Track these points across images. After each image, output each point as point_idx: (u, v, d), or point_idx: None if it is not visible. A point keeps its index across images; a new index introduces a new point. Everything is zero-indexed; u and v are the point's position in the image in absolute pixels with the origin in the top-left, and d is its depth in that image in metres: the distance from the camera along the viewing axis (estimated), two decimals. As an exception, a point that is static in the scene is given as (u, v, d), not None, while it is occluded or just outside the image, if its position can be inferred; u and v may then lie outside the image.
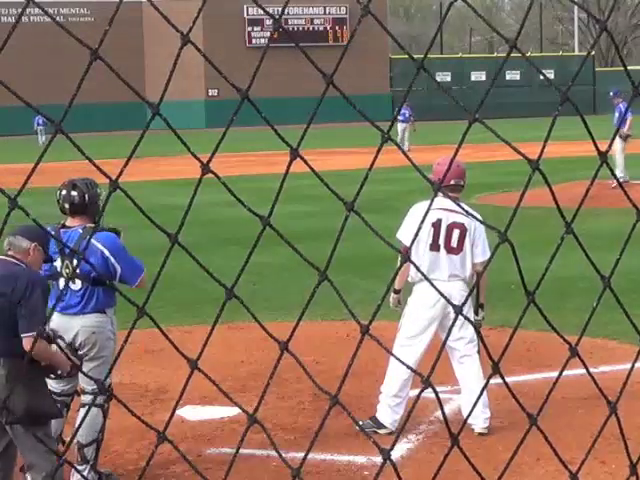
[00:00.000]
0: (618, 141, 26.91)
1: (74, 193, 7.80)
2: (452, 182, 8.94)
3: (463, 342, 8.89)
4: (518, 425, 8.67)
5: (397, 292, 9.14)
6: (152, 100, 1.87)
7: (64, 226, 7.79)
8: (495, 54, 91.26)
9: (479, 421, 8.83)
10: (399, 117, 46.19)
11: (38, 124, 60.95)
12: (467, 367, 8.91)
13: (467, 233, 8.89)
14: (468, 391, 8.86)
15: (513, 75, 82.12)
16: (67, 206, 7.79)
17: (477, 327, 8.85)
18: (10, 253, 6.76)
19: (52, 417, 6.82)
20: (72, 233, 7.72)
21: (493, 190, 27.86)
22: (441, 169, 8.87)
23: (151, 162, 37.82)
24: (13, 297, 6.50)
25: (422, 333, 8.92)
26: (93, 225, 7.75)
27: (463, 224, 8.87)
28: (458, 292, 8.82)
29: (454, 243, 8.91)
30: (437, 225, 8.87)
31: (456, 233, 8.88)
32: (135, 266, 7.95)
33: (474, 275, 9.02)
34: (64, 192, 7.85)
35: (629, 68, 2.37)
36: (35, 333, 6.51)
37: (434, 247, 8.86)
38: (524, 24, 2.00)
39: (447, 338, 2.08)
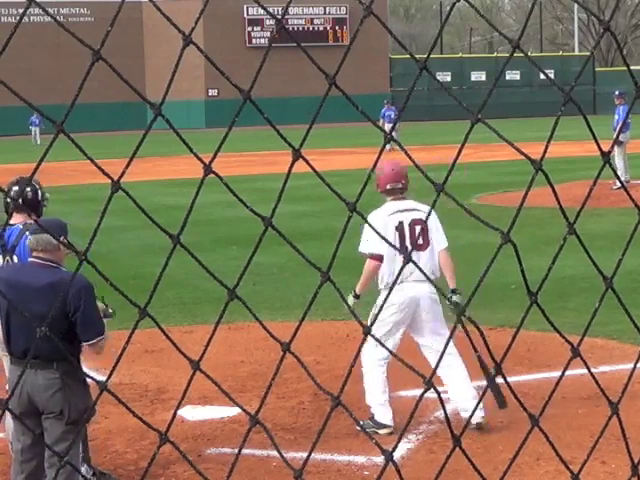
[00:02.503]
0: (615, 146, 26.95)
1: (28, 189, 7.83)
2: (388, 187, 9.14)
3: (442, 339, 8.94)
4: (518, 425, 8.68)
5: (357, 297, 9.21)
6: (152, 100, 1.87)
7: (7, 224, 7.75)
8: (495, 54, 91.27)
9: (475, 413, 8.84)
10: (386, 119, 46.23)
11: (34, 124, 60.96)
12: (453, 366, 8.93)
13: (428, 226, 9.08)
14: (460, 390, 8.89)
15: (513, 75, 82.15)
16: (21, 201, 7.76)
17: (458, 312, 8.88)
18: (39, 255, 6.64)
19: (91, 416, 6.88)
20: (14, 229, 7.74)
21: (493, 190, 27.86)
22: (382, 177, 9.16)
23: (151, 162, 37.83)
24: (66, 307, 6.47)
25: (389, 337, 9.01)
26: (32, 221, 7.77)
27: (421, 219, 9.05)
28: (428, 293, 8.96)
29: (420, 240, 9.08)
30: (401, 228, 9.03)
31: (418, 229, 9.08)
32: None
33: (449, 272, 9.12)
34: (16, 188, 7.80)
35: (630, 68, 2.37)
36: (98, 339, 6.58)
37: (403, 250, 8.97)
38: (527, 25, 1.99)
39: (450, 339, 2.07)
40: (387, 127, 45.23)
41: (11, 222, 7.77)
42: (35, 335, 6.30)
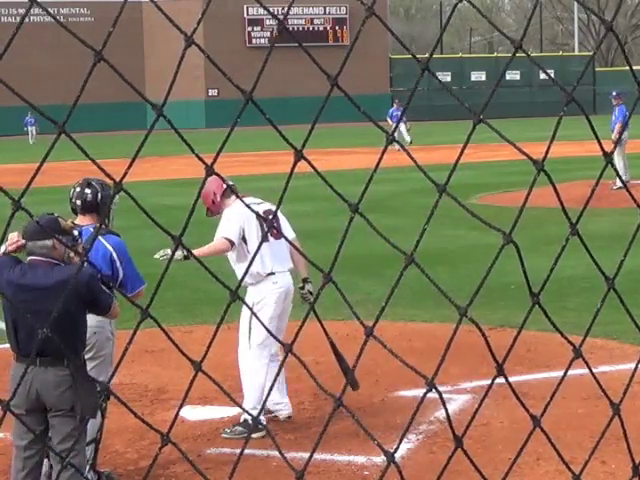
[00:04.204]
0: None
1: (88, 191, 7.88)
2: (224, 185, 9.07)
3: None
4: (518, 425, 8.67)
5: (187, 258, 8.70)
6: (151, 100, 1.87)
7: (74, 224, 7.82)
8: (495, 54, 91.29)
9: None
10: (394, 119, 46.23)
11: (29, 124, 61.05)
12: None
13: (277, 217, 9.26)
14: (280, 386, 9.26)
15: (513, 75, 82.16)
16: (79, 203, 7.85)
17: (307, 300, 9.25)
18: (39, 257, 6.74)
19: (95, 414, 6.91)
20: (83, 230, 7.74)
21: (493, 190, 27.85)
22: (208, 188, 9.22)
23: (151, 162, 37.83)
24: (80, 300, 6.58)
25: (275, 333, 9.07)
26: (102, 225, 7.80)
27: (271, 210, 9.23)
28: (291, 283, 9.21)
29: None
30: (259, 219, 9.06)
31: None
32: (137, 276, 7.94)
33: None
34: (78, 189, 7.92)
35: (632, 68, 2.37)
36: (108, 312, 6.88)
37: (265, 238, 8.97)
38: (529, 25, 1.99)
39: (454, 335, 2.07)
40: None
41: (77, 222, 7.73)
42: (47, 333, 6.40)
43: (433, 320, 12.75)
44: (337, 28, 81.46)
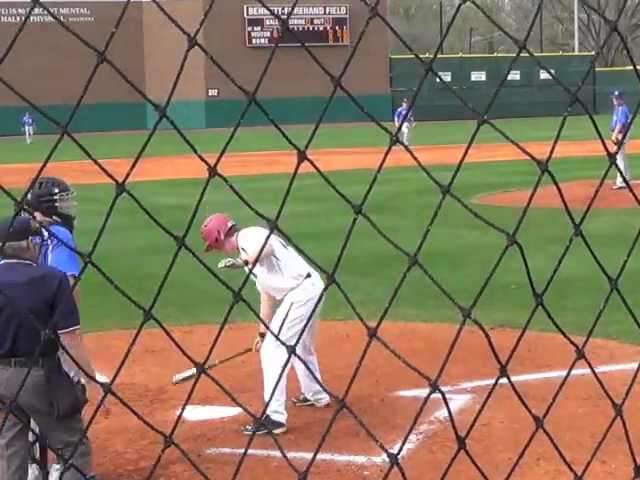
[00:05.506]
0: (614, 147, 26.97)
1: (31, 191, 8.15)
2: (229, 224, 9.57)
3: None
4: (519, 425, 8.68)
5: (247, 261, 9.30)
6: (152, 100, 1.87)
7: (41, 224, 7.99)
8: (495, 54, 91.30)
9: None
10: (399, 117, 46.33)
11: (27, 124, 61.17)
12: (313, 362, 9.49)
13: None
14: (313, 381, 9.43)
15: (513, 75, 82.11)
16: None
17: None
18: (12, 259, 6.78)
19: (75, 412, 6.89)
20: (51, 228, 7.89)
21: (493, 190, 27.85)
22: (212, 226, 9.61)
23: (151, 162, 37.84)
24: (47, 298, 6.58)
25: (295, 334, 9.15)
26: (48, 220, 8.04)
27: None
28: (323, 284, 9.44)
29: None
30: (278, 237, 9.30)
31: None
32: (65, 264, 7.85)
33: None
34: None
35: (629, 69, 2.37)
36: (74, 328, 6.71)
37: (285, 241, 9.32)
38: (532, 26, 1.99)
39: (458, 336, 2.06)
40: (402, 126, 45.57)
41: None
42: (21, 332, 6.43)
43: (434, 320, 12.75)
44: (337, 28, 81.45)
